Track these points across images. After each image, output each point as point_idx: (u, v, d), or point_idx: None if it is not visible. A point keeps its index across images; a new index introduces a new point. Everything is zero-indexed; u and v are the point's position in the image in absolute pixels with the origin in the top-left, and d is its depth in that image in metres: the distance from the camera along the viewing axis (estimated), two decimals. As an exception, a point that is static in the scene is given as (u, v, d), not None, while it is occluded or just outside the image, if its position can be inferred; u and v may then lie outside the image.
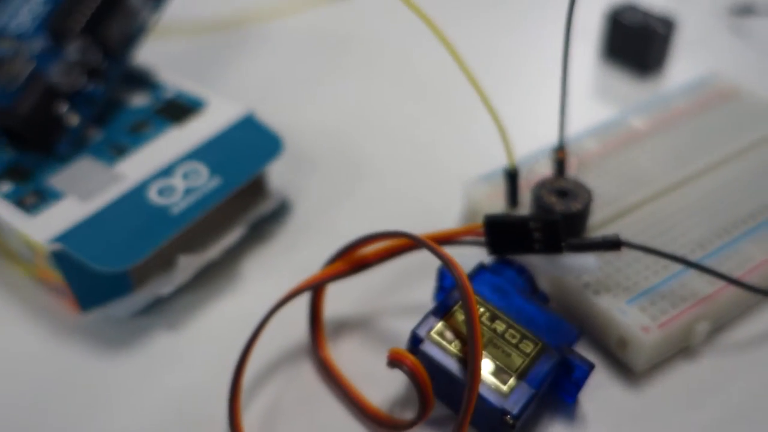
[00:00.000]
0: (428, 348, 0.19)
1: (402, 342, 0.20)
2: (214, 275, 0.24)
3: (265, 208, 0.25)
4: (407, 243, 0.21)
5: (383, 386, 0.20)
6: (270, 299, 0.21)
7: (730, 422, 0.19)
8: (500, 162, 0.24)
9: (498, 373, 0.18)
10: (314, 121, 0.30)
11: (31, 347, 0.22)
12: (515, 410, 0.18)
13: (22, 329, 0.23)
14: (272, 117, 0.27)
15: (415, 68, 0.33)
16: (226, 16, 0.37)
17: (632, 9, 0.32)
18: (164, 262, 0.23)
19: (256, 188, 0.26)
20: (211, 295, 0.23)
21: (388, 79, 0.33)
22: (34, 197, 0.23)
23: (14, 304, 0.23)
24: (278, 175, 0.27)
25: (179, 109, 0.26)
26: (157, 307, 0.23)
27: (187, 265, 0.22)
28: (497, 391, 0.18)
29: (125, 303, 0.22)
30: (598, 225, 0.23)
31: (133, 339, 0.22)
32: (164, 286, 0.22)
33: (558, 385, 0.19)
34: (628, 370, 0.20)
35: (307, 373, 0.21)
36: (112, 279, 0.22)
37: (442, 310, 0.19)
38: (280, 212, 0.26)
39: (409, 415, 0.20)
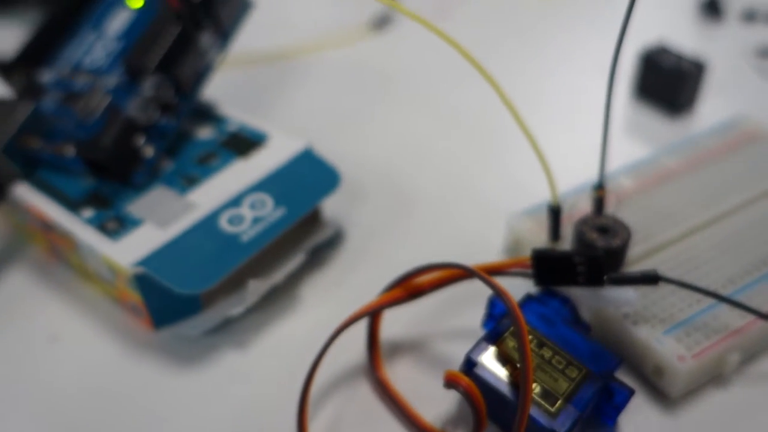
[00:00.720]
0: (481, 371, 0.21)
1: (452, 364, 0.22)
2: (277, 298, 0.26)
3: (322, 236, 0.27)
4: (459, 273, 0.22)
5: (436, 405, 0.22)
6: (328, 321, 0.23)
7: (758, 447, 0.21)
8: (539, 196, 0.26)
9: (546, 396, 0.20)
10: (360, 152, 0.32)
11: (109, 361, 0.24)
12: (563, 430, 0.19)
13: (100, 344, 0.25)
14: (320, 147, 0.29)
15: (457, 101, 0.35)
16: (274, 50, 0.39)
17: (665, 51, 0.34)
18: (230, 285, 0.25)
19: (313, 217, 0.28)
20: (275, 316, 0.25)
21: (431, 112, 0.35)
22: (115, 223, 0.25)
23: (93, 320, 0.25)
24: (331, 204, 0.29)
25: (243, 143, 0.28)
26: (225, 326, 0.25)
27: (256, 288, 0.24)
28: (546, 412, 0.20)
29: (195, 322, 0.24)
30: (635, 260, 0.24)
31: (203, 356, 0.24)
32: (234, 307, 0.24)
33: (599, 409, 0.21)
34: (664, 397, 0.22)
35: (365, 392, 0.23)
36: (185, 300, 0.24)
37: (493, 336, 0.21)
38: (334, 240, 0.28)
39: (460, 432, 0.22)
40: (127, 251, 0.24)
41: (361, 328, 0.24)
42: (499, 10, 0.43)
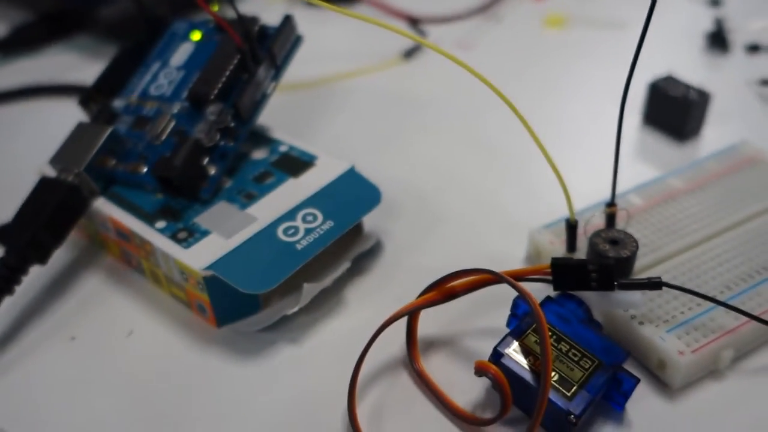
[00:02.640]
0: (507, 362, 0.24)
1: (481, 357, 0.25)
2: (325, 300, 0.29)
3: (364, 246, 0.30)
4: (488, 278, 0.26)
5: (466, 393, 0.25)
6: (370, 320, 0.26)
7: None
8: (557, 212, 0.29)
9: (563, 382, 0.23)
10: (394, 171, 0.35)
11: (179, 353, 0.28)
12: (577, 411, 0.23)
13: (171, 338, 0.28)
14: (357, 166, 0.32)
15: (481, 125, 0.39)
16: (315, 77, 0.43)
17: (673, 81, 0.37)
18: (285, 287, 0.28)
19: (356, 229, 0.31)
20: (324, 315, 0.29)
21: (457, 134, 0.38)
22: (185, 233, 0.28)
23: (163, 318, 0.29)
24: (370, 218, 0.32)
25: (294, 163, 0.31)
26: (280, 324, 0.28)
27: (309, 291, 0.27)
28: (563, 396, 0.23)
29: (255, 320, 0.28)
30: (643, 268, 0.28)
31: (261, 350, 0.28)
32: (290, 307, 0.27)
33: (609, 396, 0.24)
34: (666, 387, 0.25)
35: (405, 381, 0.26)
36: (246, 300, 0.28)
37: (517, 332, 0.25)
38: (374, 250, 0.31)
39: (488, 415, 0.25)
40: (198, 257, 0.27)
41: (401, 326, 0.27)
42: (517, 42, 0.47)
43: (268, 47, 0.32)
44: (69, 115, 0.35)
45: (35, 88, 0.44)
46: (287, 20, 0.33)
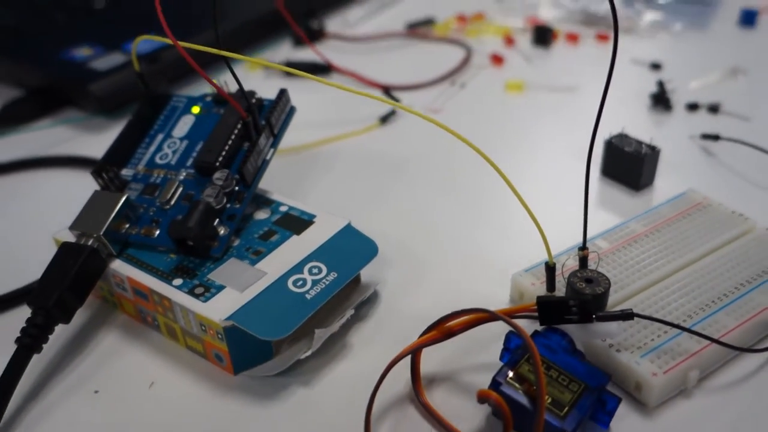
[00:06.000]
0: (506, 389, 0.27)
1: (478, 387, 0.28)
2: (331, 345, 0.32)
3: (363, 294, 0.33)
4: (484, 317, 0.29)
5: (468, 421, 0.28)
6: (374, 361, 0.29)
7: (718, 442, 0.28)
8: (531, 257, 0.33)
9: (555, 404, 0.26)
10: (380, 225, 0.38)
11: (200, 399, 0.30)
12: (570, 428, 0.26)
13: (191, 387, 0.30)
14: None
15: (457, 179, 0.43)
16: (301, 143, 0.46)
17: (626, 138, 0.41)
18: (293, 334, 0.31)
19: (354, 279, 0.34)
20: (331, 359, 0.31)
21: (435, 188, 0.42)
22: (201, 288, 0.31)
23: (182, 369, 0.31)
24: (364, 269, 0.35)
25: (295, 221, 0.34)
26: (292, 368, 0.31)
27: (320, 336, 0.30)
28: (557, 416, 0.26)
29: (270, 365, 0.30)
30: (615, 303, 0.31)
31: (277, 393, 0.30)
32: (302, 352, 0.30)
33: (594, 417, 0.27)
34: (643, 407, 0.29)
35: (412, 414, 0.29)
36: (261, 348, 0.30)
37: (512, 363, 0.28)
38: (371, 298, 0.34)
39: (489, 440, 0.28)
40: (217, 309, 0.30)
41: (401, 366, 0.30)
42: (481, 105, 0.51)
43: (266, 117, 0.36)
44: (65, 185, 0.37)
45: (28, 161, 0.46)
46: (282, 93, 0.37)
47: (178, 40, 0.31)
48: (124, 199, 0.33)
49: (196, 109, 0.39)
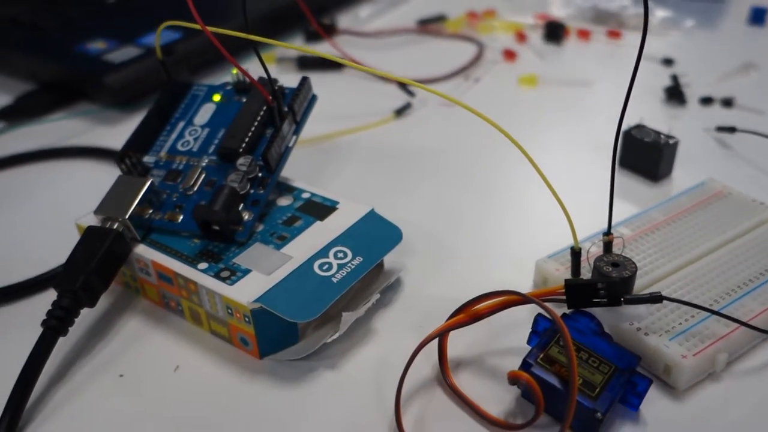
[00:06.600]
0: (536, 370, 0.27)
1: (505, 370, 0.28)
2: (356, 329, 0.32)
3: (388, 280, 0.33)
4: (512, 299, 0.29)
5: (496, 403, 0.28)
6: (398, 346, 0.30)
7: (746, 426, 0.27)
8: (553, 245, 0.33)
9: (587, 385, 0.26)
10: (402, 213, 0.38)
11: (226, 384, 0.30)
12: (603, 409, 0.26)
13: (218, 371, 0.30)
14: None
15: (476, 169, 0.43)
16: (321, 133, 0.46)
17: (644, 129, 0.41)
18: (319, 319, 0.31)
19: (378, 265, 0.34)
20: (356, 343, 0.31)
21: (454, 178, 0.42)
22: (227, 272, 0.31)
23: (207, 353, 0.31)
24: (387, 256, 0.35)
25: (319, 208, 0.34)
26: (318, 352, 0.31)
27: (347, 319, 0.30)
28: (588, 397, 0.26)
29: (297, 349, 0.30)
30: (640, 288, 0.31)
31: (304, 376, 0.30)
32: (329, 335, 0.30)
33: (624, 400, 0.27)
34: (673, 390, 0.29)
35: (440, 396, 0.29)
36: (287, 332, 0.30)
37: (541, 345, 0.28)
38: (394, 284, 0.34)
39: (519, 422, 0.27)
40: (244, 292, 0.30)
41: (428, 350, 0.30)
42: (496, 99, 0.51)
43: (289, 104, 0.36)
44: (82, 176, 0.37)
45: (45, 151, 0.46)
46: (304, 81, 0.37)
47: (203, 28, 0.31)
48: (149, 183, 0.33)
49: (217, 97, 0.39)
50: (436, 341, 0.30)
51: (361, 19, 0.64)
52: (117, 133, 0.47)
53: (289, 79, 0.38)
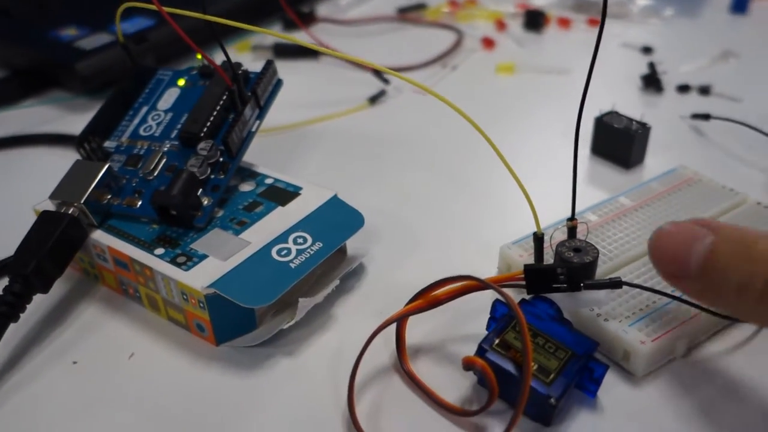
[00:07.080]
0: (491, 356, 0.26)
1: (464, 355, 0.27)
2: (316, 316, 0.31)
3: (349, 266, 0.33)
4: (471, 285, 0.28)
5: (452, 390, 0.28)
6: (358, 332, 0.29)
7: (704, 411, 0.27)
8: (519, 232, 0.32)
9: (542, 371, 0.26)
10: (368, 200, 0.38)
11: (182, 371, 0.29)
12: (557, 394, 0.25)
13: (172, 358, 0.30)
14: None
15: (445, 157, 0.42)
16: (292, 121, 0.45)
17: (617, 115, 0.41)
18: (276, 306, 0.31)
19: (340, 251, 0.33)
20: (315, 330, 0.31)
21: (423, 166, 0.42)
22: (184, 258, 0.30)
23: (163, 340, 0.31)
24: (350, 242, 0.35)
25: (281, 193, 0.34)
26: (275, 339, 0.30)
27: (304, 305, 0.30)
28: (543, 383, 0.26)
29: (253, 335, 0.30)
30: (602, 274, 0.31)
31: (261, 363, 0.29)
32: (285, 322, 0.30)
33: (582, 386, 0.27)
34: (631, 376, 0.28)
35: (397, 383, 0.28)
36: (243, 318, 0.30)
37: (498, 330, 0.27)
38: (356, 270, 0.34)
39: (475, 408, 0.27)
40: (199, 277, 0.29)
41: (386, 336, 0.29)
42: (473, 86, 0.51)
43: (252, 88, 0.35)
44: (48, 162, 0.37)
45: (10, 138, 0.45)
46: (269, 64, 0.37)
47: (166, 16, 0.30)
48: (106, 167, 0.33)
49: (181, 82, 0.38)
50: (394, 327, 0.29)
51: (341, 7, 0.64)
52: (88, 119, 0.46)
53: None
